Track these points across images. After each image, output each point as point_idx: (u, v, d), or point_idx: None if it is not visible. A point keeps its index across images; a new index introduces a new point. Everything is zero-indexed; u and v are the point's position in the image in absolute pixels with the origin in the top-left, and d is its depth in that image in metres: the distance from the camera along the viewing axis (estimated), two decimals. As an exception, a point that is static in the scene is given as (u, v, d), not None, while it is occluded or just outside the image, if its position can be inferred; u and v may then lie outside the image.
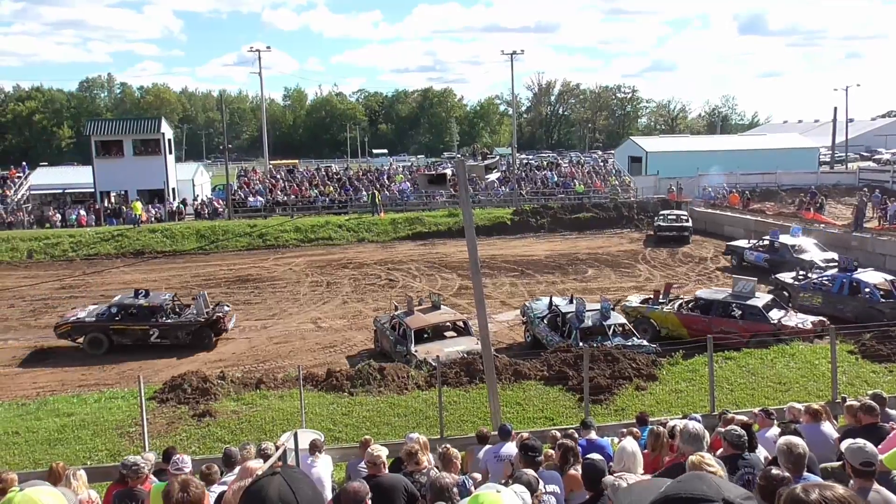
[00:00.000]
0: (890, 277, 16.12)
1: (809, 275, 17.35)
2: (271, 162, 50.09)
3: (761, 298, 15.16)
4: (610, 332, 14.23)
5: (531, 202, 38.03)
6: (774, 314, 14.72)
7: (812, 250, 21.31)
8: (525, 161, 50.19)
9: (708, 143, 50.38)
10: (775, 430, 6.28)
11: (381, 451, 5.32)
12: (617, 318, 14.72)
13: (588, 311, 14.59)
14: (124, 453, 8.82)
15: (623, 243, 30.03)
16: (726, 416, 7.39)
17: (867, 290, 15.41)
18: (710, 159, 42.91)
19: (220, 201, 36.82)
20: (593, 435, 6.81)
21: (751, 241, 24.01)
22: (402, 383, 12.73)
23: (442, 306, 15.65)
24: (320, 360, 15.59)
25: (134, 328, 16.26)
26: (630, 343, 13.92)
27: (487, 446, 6.91)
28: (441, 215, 34.80)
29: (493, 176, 10.15)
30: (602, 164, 46.28)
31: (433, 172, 8.99)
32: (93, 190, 36.42)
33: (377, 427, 10.98)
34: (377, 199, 35.26)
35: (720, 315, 15.07)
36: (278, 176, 39.99)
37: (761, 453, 5.10)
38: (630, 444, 4.90)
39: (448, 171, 8.78)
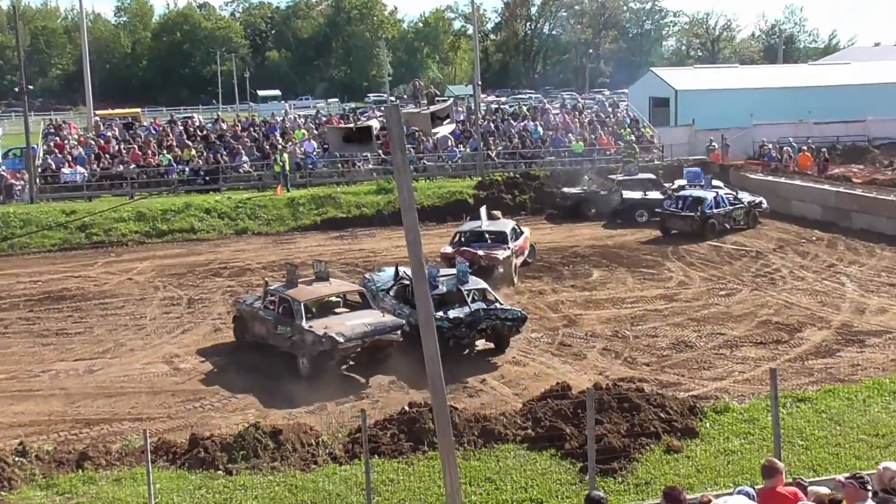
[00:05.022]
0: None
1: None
2: (98, 112, 49.00)
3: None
4: (469, 299, 18.00)
5: (504, 169, 38.22)
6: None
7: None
8: (495, 106, 50.53)
9: (765, 78, 51.95)
10: (871, 505, 6.46)
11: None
12: (477, 282, 18.70)
13: (442, 276, 18.06)
14: None
15: (645, 230, 30.60)
16: (802, 484, 7.56)
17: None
18: (770, 101, 44.20)
19: (18, 174, 35.82)
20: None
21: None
22: (309, 453, 12.62)
23: (331, 278, 19.21)
24: (180, 420, 15.39)
25: None
26: (493, 308, 17.93)
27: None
28: (366, 191, 34.70)
29: (446, 129, 10.09)
30: (611, 109, 46.98)
31: (352, 125, 8.96)
32: None
33: (271, 525, 10.83)
34: (287, 168, 35.11)
35: None
36: (109, 133, 39.26)
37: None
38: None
39: (375, 123, 8.77)
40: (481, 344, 18.70)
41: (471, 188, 35.09)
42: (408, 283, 18.74)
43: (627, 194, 32.50)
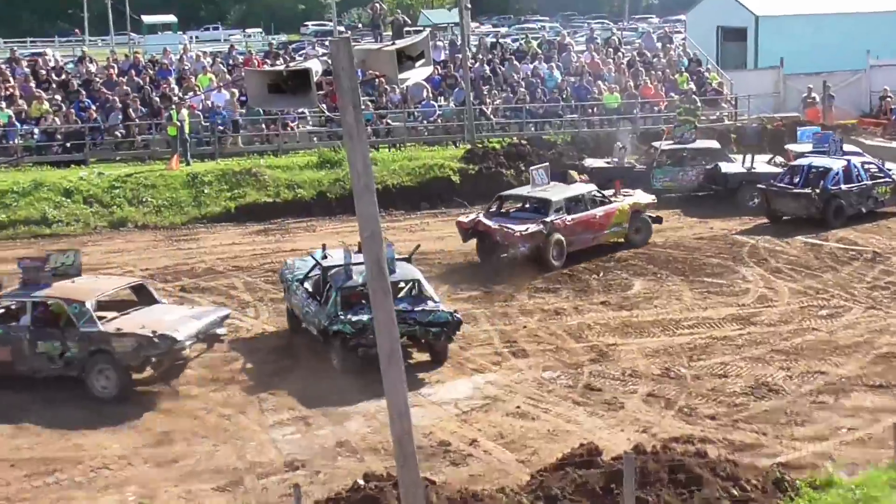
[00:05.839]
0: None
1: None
2: None
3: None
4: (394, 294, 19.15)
5: (505, 132, 38.29)
6: None
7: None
8: (492, 40, 50.38)
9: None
10: None
11: None
12: (408, 271, 20.67)
13: (361, 263, 19.37)
14: None
15: (710, 222, 30.94)
16: None
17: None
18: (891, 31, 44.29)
19: None
20: None
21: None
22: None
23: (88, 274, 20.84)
24: (24, 503, 15.33)
25: None
26: (419, 309, 19.69)
27: None
28: (302, 165, 34.83)
29: (420, 74, 10.15)
30: (660, 45, 47.03)
31: (282, 68, 9.00)
32: None
33: None
34: (187, 130, 35.20)
35: None
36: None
37: None
38: None
39: (316, 65, 8.82)
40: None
41: (456, 159, 35.20)
42: (321, 269, 20.99)
43: (728, 168, 32.93)
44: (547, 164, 30.24)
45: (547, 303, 23.90)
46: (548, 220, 25.69)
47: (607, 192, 28.34)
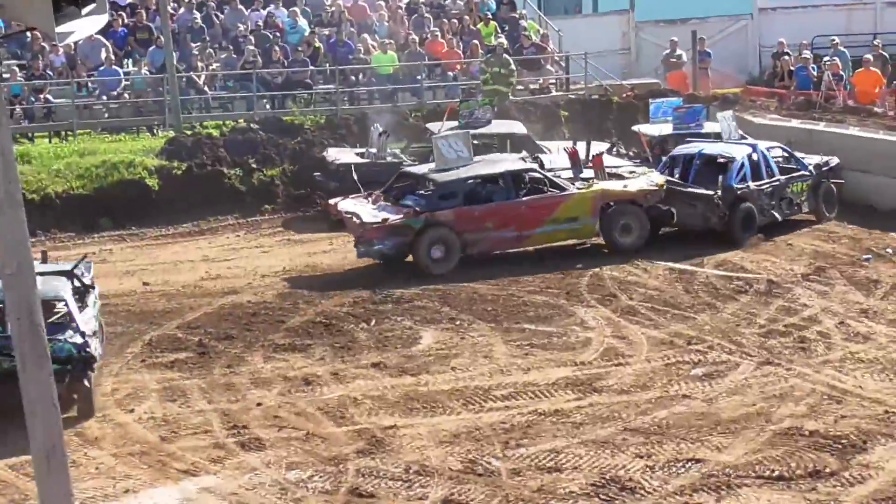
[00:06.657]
0: None
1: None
2: None
3: None
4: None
5: (227, 111, 38.76)
6: None
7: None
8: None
9: None
10: None
11: None
12: (52, 288, 21.05)
13: None
14: None
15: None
16: None
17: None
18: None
19: None
20: None
21: None
22: None
23: None
24: None
25: None
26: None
27: None
28: None
29: (91, 25, 10.09)
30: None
31: None
32: None
33: None
34: None
35: None
36: None
37: None
38: None
39: None
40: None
41: (153, 154, 35.25)
42: None
43: (550, 160, 33.11)
44: (467, 132, 31.43)
45: (292, 367, 23.76)
46: (418, 208, 26.36)
47: (587, 174, 29.17)
